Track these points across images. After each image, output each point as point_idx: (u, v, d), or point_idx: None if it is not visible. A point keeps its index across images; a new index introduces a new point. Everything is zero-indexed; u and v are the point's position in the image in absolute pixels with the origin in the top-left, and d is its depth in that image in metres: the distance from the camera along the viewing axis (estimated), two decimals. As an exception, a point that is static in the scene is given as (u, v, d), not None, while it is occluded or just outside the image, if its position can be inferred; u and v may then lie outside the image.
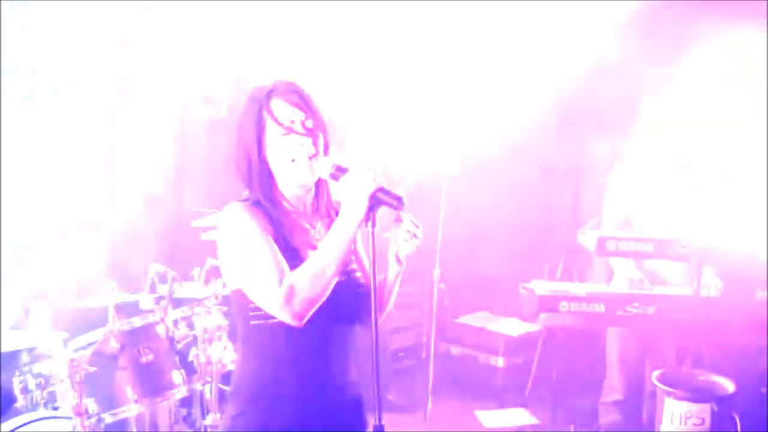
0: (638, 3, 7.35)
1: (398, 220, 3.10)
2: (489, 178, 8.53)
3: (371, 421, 3.15)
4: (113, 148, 6.82)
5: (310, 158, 3.09)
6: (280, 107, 3.11)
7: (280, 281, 2.93)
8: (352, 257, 3.26)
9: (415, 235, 3.10)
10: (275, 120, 3.09)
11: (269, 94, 3.13)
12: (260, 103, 3.12)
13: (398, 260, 3.19)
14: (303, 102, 3.14)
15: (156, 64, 7.11)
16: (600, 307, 5.47)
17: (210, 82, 7.55)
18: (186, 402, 5.69)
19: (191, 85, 7.45)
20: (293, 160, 3.09)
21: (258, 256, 2.99)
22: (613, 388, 6.24)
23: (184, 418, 5.85)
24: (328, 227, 3.20)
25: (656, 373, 5.34)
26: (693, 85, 6.52)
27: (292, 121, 3.10)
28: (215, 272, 5.29)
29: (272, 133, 3.10)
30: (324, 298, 2.96)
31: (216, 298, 5.21)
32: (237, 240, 3.06)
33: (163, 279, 5.16)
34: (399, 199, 2.93)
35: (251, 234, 3.02)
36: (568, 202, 8.81)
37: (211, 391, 5.13)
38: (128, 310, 5.03)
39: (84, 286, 5.47)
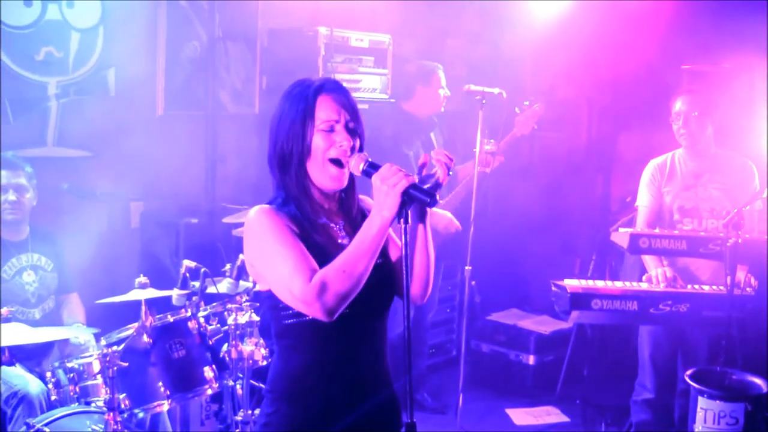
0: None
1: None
2: (520, 174, 8.53)
3: (403, 418, 3.16)
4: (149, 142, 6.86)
5: (349, 158, 3.11)
6: (328, 105, 3.13)
7: (310, 277, 2.94)
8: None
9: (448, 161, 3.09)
10: (323, 116, 3.11)
11: (318, 90, 3.15)
12: (307, 99, 3.13)
13: (422, 219, 3.17)
14: (349, 102, 3.17)
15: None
16: (633, 305, 5.44)
17: (241, 76, 7.58)
18: (217, 398, 5.71)
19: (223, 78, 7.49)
20: (333, 158, 3.11)
21: (286, 254, 3.01)
22: (645, 387, 6.20)
23: (215, 414, 5.87)
24: (350, 225, 3.25)
25: (689, 372, 5.30)
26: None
27: (337, 121, 3.12)
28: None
29: (317, 129, 3.11)
30: (355, 294, 2.96)
31: (247, 294, 5.22)
32: (263, 241, 3.08)
33: (195, 275, 5.17)
34: (432, 195, 2.93)
35: (277, 234, 3.05)
36: (599, 198, 8.78)
37: (242, 388, 5.14)
38: (160, 305, 5.04)
39: (116, 282, 5.48)
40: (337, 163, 3.12)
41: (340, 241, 3.19)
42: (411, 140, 6.73)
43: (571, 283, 5.59)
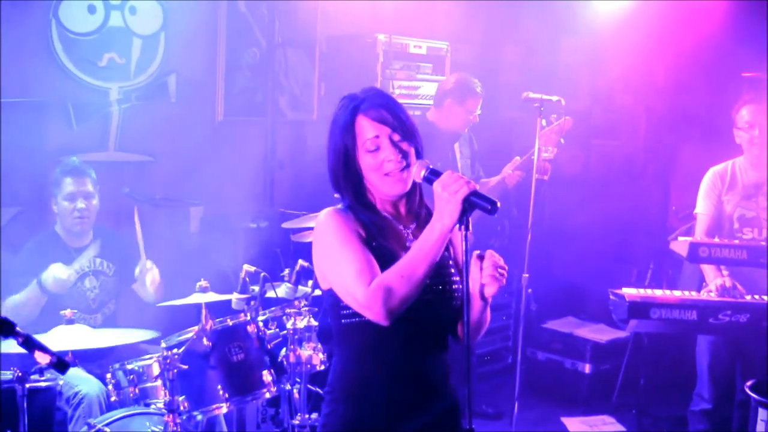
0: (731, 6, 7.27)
1: (480, 257, 3.10)
2: (576, 182, 8.49)
3: (461, 424, 3.17)
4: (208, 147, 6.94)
5: (401, 171, 3.12)
6: (368, 124, 3.15)
7: (370, 281, 2.97)
8: (451, 262, 3.27)
9: (501, 275, 3.09)
10: (365, 136, 3.14)
11: (356, 108, 3.18)
12: (346, 123, 3.17)
13: (482, 297, 3.16)
14: (390, 114, 3.18)
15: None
16: (692, 315, 5.41)
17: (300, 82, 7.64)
18: (273, 402, 5.74)
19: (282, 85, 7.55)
20: (384, 174, 3.13)
21: (350, 257, 3.05)
22: (703, 397, 6.15)
23: (271, 418, 5.89)
24: (419, 228, 3.25)
25: (749, 383, 5.25)
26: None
27: (378, 137, 3.13)
28: (305, 273, 5.33)
29: (362, 150, 3.15)
30: (413, 299, 2.98)
31: (306, 299, 5.25)
32: (329, 243, 3.12)
33: (254, 279, 5.21)
34: (493, 203, 2.94)
35: (342, 237, 3.08)
36: (656, 207, 8.72)
37: (299, 392, 5.16)
38: (219, 309, 5.08)
39: (176, 285, 5.54)
40: (388, 177, 3.15)
41: (408, 244, 3.21)
42: (428, 151, 6.66)
43: (629, 292, 5.57)
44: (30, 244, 5.70)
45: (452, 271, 3.24)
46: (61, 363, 2.69)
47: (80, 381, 5.09)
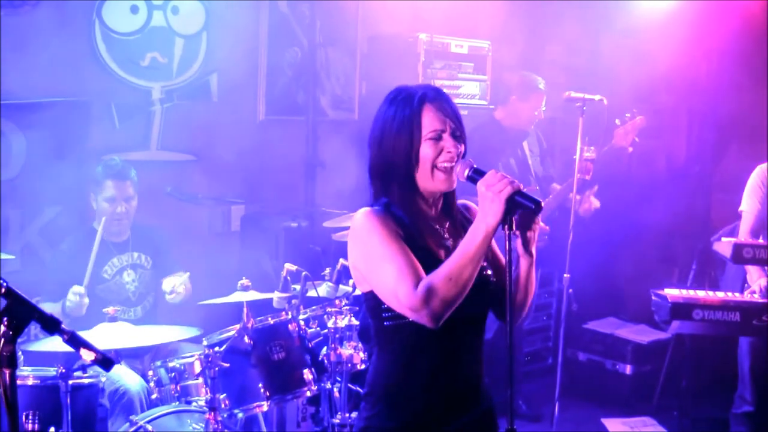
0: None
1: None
2: (618, 182, 8.44)
3: (498, 425, 3.17)
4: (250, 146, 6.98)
5: (452, 167, 3.12)
6: (434, 114, 3.14)
7: (416, 283, 2.95)
8: (489, 256, 3.25)
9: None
10: (430, 126, 3.12)
11: (422, 99, 3.16)
12: (412, 109, 3.14)
13: (526, 252, 3.15)
14: (453, 110, 3.18)
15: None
16: (735, 316, 5.37)
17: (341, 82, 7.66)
18: (313, 400, 5.75)
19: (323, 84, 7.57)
20: (439, 166, 3.12)
21: (392, 259, 3.02)
22: (745, 400, 6.10)
23: (312, 416, 5.90)
24: (454, 227, 3.26)
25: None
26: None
27: (443, 130, 3.12)
28: (346, 272, 5.33)
29: (424, 138, 3.12)
30: (461, 300, 2.97)
31: (347, 298, 5.25)
32: (370, 245, 3.10)
33: (295, 278, 5.22)
34: (537, 202, 2.93)
35: (385, 238, 3.06)
36: (699, 207, 8.65)
37: (339, 391, 5.17)
38: (260, 308, 5.10)
39: (217, 284, 5.56)
40: (442, 169, 3.13)
41: (446, 243, 3.20)
42: (500, 150, 6.69)
43: (672, 293, 5.54)
44: (68, 242, 5.76)
45: (485, 264, 3.20)
46: (105, 360, 2.70)
47: (122, 377, 5.13)
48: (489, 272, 3.19)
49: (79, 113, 6.26)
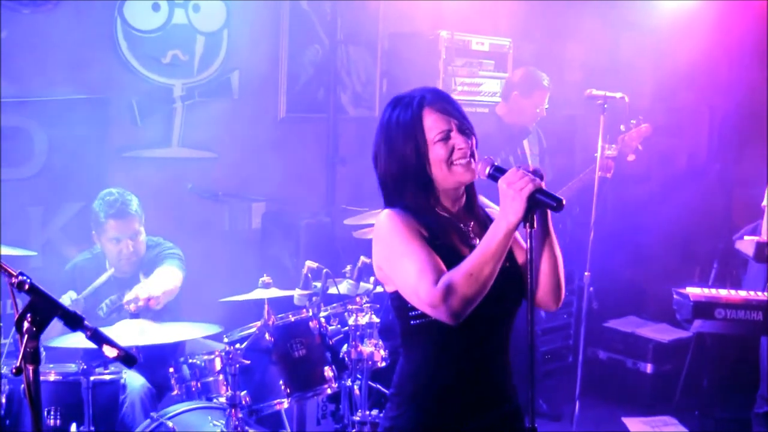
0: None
1: None
2: (639, 180, 8.42)
3: (525, 425, 3.15)
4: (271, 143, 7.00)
5: (469, 158, 3.11)
6: (436, 117, 3.14)
7: (436, 280, 2.94)
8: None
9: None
10: (435, 128, 3.12)
11: (421, 102, 3.16)
12: (413, 117, 3.14)
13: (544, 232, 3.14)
14: (454, 108, 3.18)
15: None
16: (757, 315, 5.35)
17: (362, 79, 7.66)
18: (334, 398, 5.75)
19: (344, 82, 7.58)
20: (456, 162, 3.11)
21: (413, 257, 3.02)
22: (766, 400, 6.06)
23: (332, 414, 5.91)
24: (479, 225, 3.24)
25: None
26: None
27: (450, 129, 3.12)
28: (367, 270, 5.33)
29: (432, 141, 3.12)
30: (481, 298, 2.96)
31: (368, 295, 5.25)
32: (392, 244, 3.10)
33: (316, 275, 5.22)
34: (558, 200, 2.91)
35: (406, 236, 3.06)
36: (720, 206, 8.61)
37: (360, 388, 5.17)
38: (280, 305, 5.10)
39: (237, 281, 5.56)
40: (457, 166, 3.13)
41: (471, 242, 3.19)
42: (500, 147, 6.62)
43: (694, 291, 5.51)
44: (77, 265, 5.59)
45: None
46: (128, 357, 2.70)
47: (126, 374, 5.01)
48: (507, 264, 3.15)
49: (101, 110, 6.29)
